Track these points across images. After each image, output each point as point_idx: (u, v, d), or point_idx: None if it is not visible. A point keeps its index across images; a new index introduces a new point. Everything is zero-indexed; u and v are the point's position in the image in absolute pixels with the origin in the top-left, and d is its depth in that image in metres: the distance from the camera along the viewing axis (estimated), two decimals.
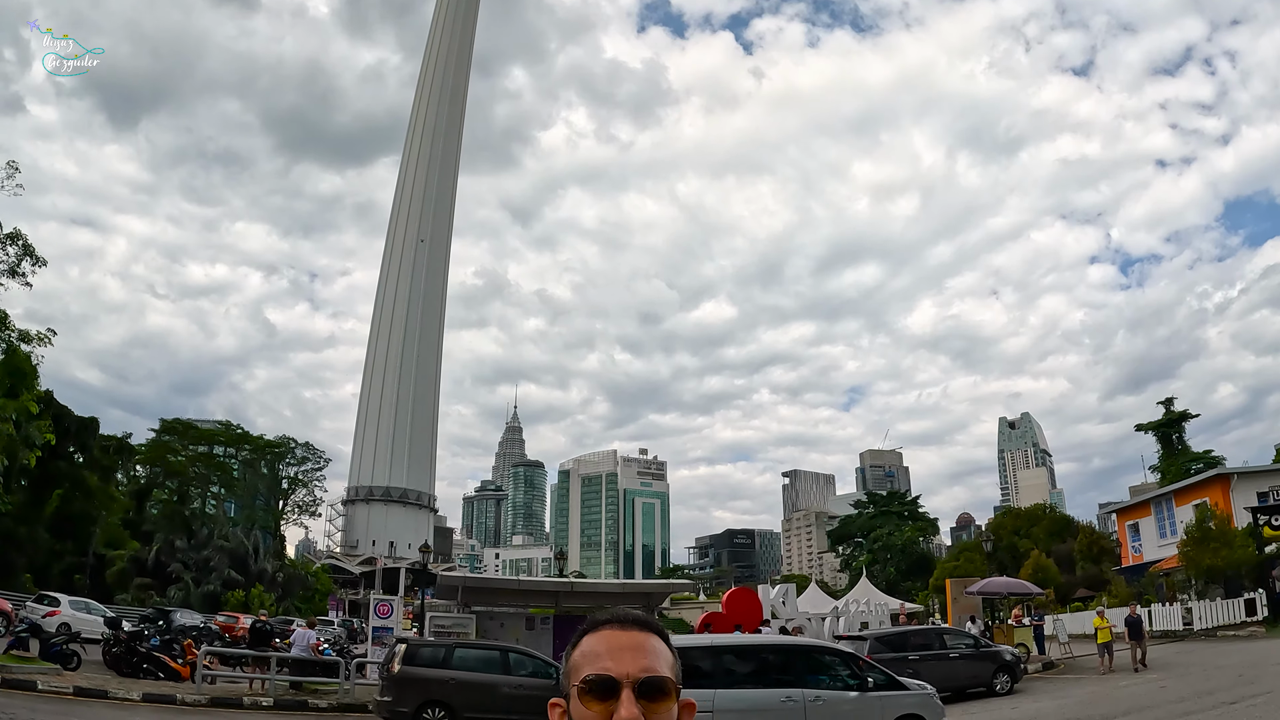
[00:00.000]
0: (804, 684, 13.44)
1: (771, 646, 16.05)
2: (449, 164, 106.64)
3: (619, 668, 1.54)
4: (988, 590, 37.51)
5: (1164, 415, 76.35)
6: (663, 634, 1.66)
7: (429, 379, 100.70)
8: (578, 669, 1.58)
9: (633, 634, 1.61)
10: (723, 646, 14.93)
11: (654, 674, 1.56)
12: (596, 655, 1.57)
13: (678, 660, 1.66)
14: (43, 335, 30.67)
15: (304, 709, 21.12)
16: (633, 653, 1.57)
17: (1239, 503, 41.45)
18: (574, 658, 1.62)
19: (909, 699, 14.10)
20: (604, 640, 1.60)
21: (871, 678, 14.11)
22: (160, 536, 58.22)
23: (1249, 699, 16.63)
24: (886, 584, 78.84)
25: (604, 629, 1.63)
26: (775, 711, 12.88)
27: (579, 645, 1.64)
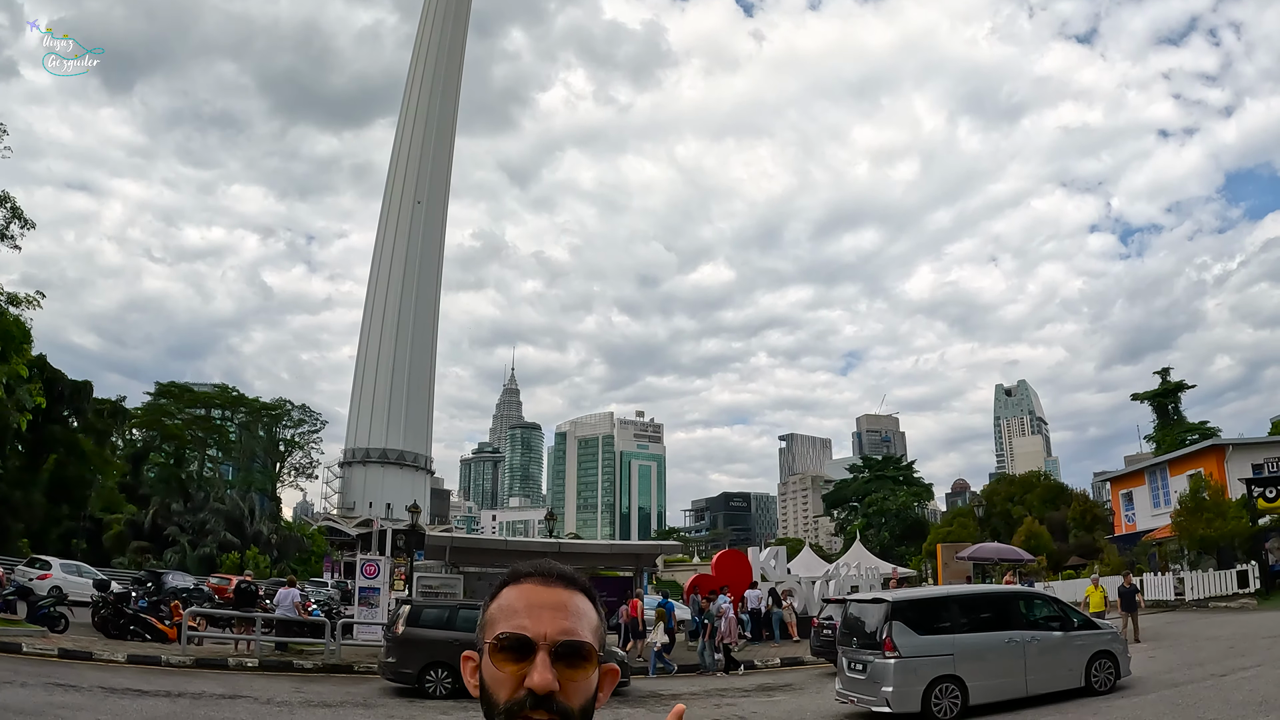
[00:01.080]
0: (1021, 626, 15.39)
1: (995, 595, 17.78)
2: (446, 125, 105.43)
3: (536, 627, 1.40)
4: (979, 556, 37.64)
5: (1160, 385, 76.39)
6: (589, 593, 1.50)
7: (426, 341, 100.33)
8: (493, 623, 1.44)
9: (556, 591, 1.46)
10: (957, 596, 16.83)
11: (573, 637, 1.41)
12: (514, 611, 1.43)
13: (603, 622, 1.51)
14: (32, 298, 30.33)
15: (289, 669, 21.19)
16: (553, 612, 1.42)
17: (1233, 474, 41.56)
18: (490, 610, 1.48)
19: (1103, 637, 16.06)
20: (524, 595, 1.45)
21: (1077, 619, 16.42)
22: (157, 500, 58.31)
23: (1239, 671, 16.70)
24: (881, 548, 79.26)
25: (525, 582, 1.48)
26: (1001, 650, 14.79)
27: (497, 597, 1.49)
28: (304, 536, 71.08)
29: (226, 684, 17.70)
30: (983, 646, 14.76)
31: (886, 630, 14.34)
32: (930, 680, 14.07)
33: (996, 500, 77.50)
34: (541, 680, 1.35)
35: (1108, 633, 16.41)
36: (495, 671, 1.40)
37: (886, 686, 14.04)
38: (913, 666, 14.12)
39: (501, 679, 1.39)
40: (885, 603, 15.09)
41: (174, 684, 16.91)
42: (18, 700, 13.45)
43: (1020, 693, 14.79)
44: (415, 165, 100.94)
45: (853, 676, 15.07)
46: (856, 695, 14.94)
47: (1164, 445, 67.55)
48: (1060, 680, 15.23)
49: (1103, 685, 15.36)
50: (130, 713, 13.32)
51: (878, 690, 14.21)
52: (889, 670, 14.09)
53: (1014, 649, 14.88)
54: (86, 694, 14.70)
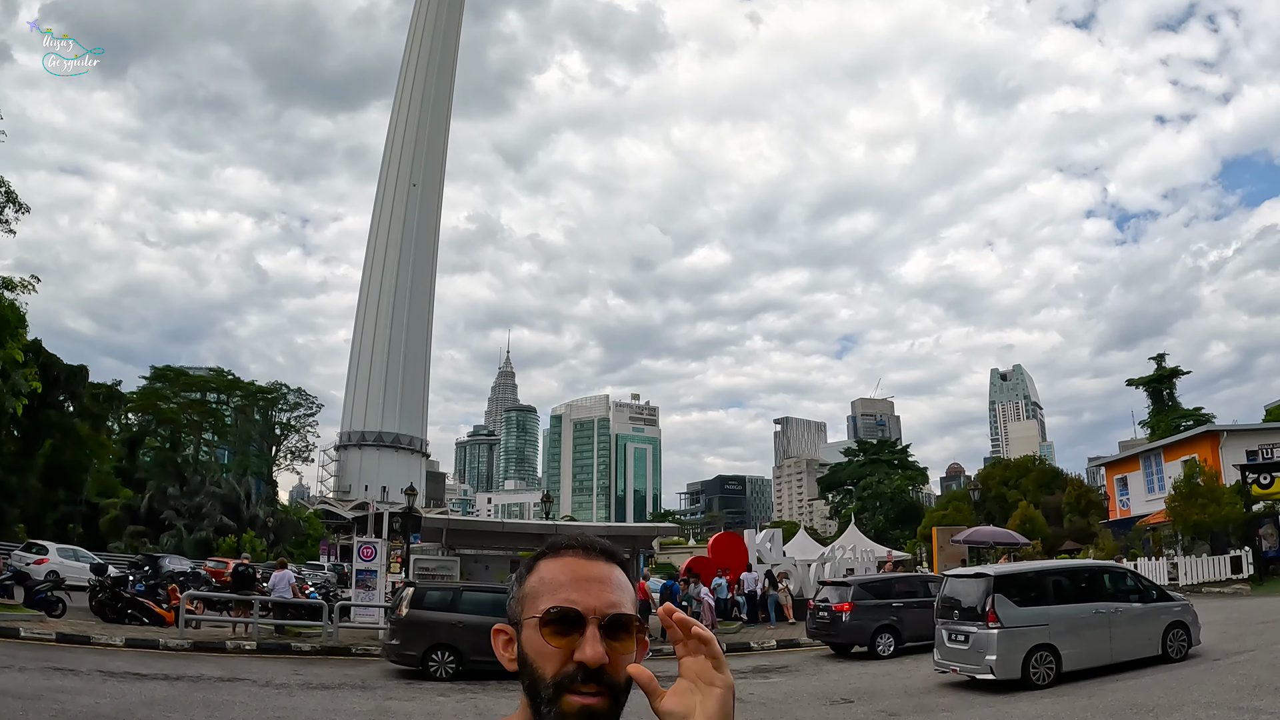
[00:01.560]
0: (1106, 599, 16.44)
1: (1083, 570, 18.66)
2: (441, 108, 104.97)
3: (585, 601, 1.39)
4: (974, 539, 37.68)
5: (1155, 371, 76.61)
6: (625, 565, 1.51)
7: (421, 324, 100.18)
8: (536, 597, 1.43)
9: (599, 564, 1.46)
10: (1050, 570, 17.74)
11: (620, 610, 1.41)
12: (559, 584, 1.42)
13: (636, 594, 1.50)
14: (26, 282, 30.10)
15: (287, 652, 21.20)
16: (600, 585, 1.42)
17: (1228, 460, 41.70)
18: (531, 583, 1.46)
19: (1176, 608, 17.00)
20: (568, 568, 1.44)
21: (1155, 591, 17.62)
22: (153, 484, 58.26)
23: (1233, 655, 16.78)
24: (875, 532, 79.54)
25: (567, 554, 1.47)
26: (1090, 621, 15.85)
27: (537, 569, 1.48)
28: (300, 520, 71.10)
29: (225, 667, 17.73)
30: (1073, 617, 15.75)
31: (990, 603, 15.34)
32: (1029, 649, 15.11)
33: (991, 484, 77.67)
34: (594, 654, 1.35)
35: (1181, 604, 17.32)
36: (543, 645, 1.38)
37: (990, 655, 15.04)
38: (1013, 636, 15.12)
39: (549, 653, 1.38)
40: (988, 577, 16.04)
41: (172, 667, 16.94)
42: (16, 685, 13.46)
43: (1106, 660, 15.84)
44: (410, 148, 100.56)
45: (954, 647, 15.98)
46: (959, 664, 15.84)
47: (1159, 431, 67.80)
48: (1140, 649, 16.24)
49: (1177, 653, 16.40)
50: (129, 696, 13.34)
51: (981, 659, 15.19)
52: (993, 640, 15.06)
53: (1101, 619, 15.96)
54: (85, 678, 14.72)
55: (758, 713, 13.66)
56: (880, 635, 21.60)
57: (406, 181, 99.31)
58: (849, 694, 15.52)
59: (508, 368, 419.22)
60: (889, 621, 21.87)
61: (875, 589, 23.09)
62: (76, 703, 12.33)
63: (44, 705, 11.86)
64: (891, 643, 21.60)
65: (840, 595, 22.54)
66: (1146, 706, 12.38)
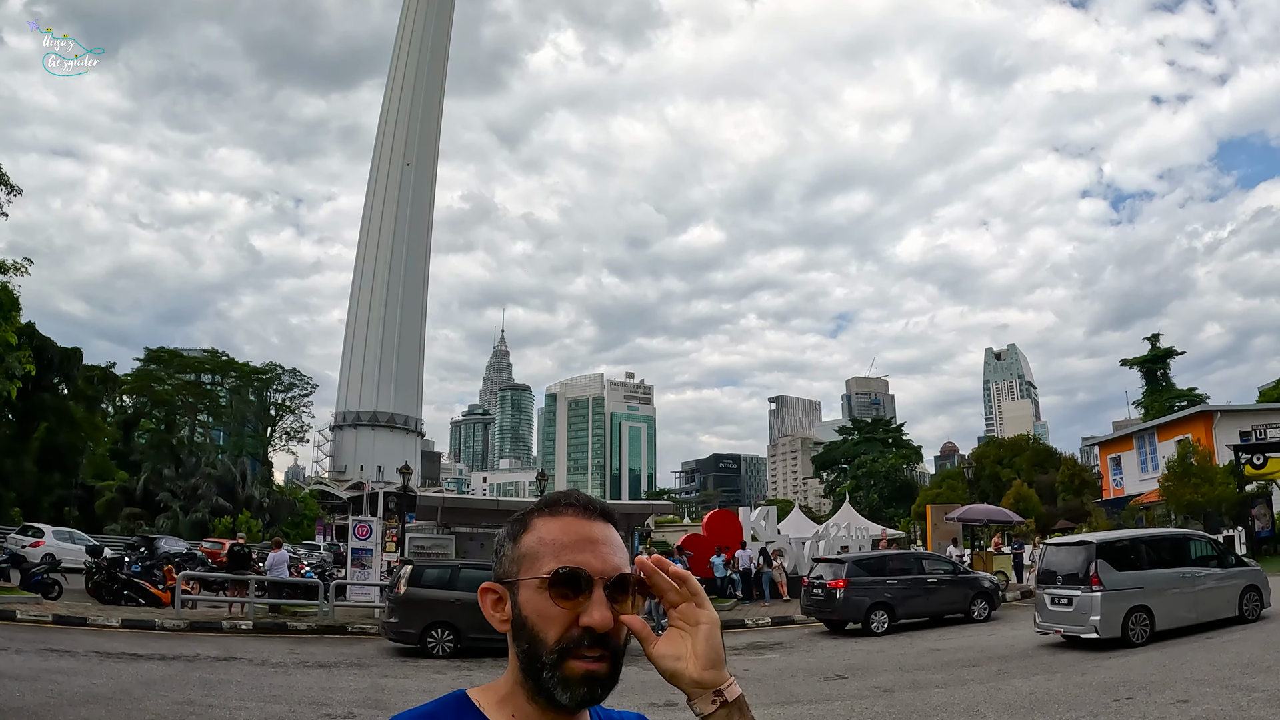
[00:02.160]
0: (1190, 564, 17.89)
1: (1170, 538, 19.91)
2: (435, 86, 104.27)
3: (592, 563, 1.34)
4: (968, 517, 37.81)
5: (1149, 351, 76.83)
6: (619, 524, 1.46)
7: (416, 303, 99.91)
8: (536, 557, 1.36)
9: (599, 525, 1.40)
10: (1144, 539, 19.03)
11: (624, 571, 1.36)
12: (562, 545, 1.35)
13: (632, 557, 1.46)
14: (18, 265, 29.92)
15: (283, 631, 21.25)
16: (604, 547, 1.37)
17: (1221, 440, 41.91)
18: (529, 542, 1.39)
19: (1249, 573, 18.52)
20: (568, 528, 1.38)
21: (1232, 557, 19.34)
22: (148, 466, 58.34)
23: (1226, 633, 16.93)
24: (870, 510, 79.74)
25: (565, 513, 1.40)
26: (1178, 584, 17.25)
27: (533, 528, 1.40)
28: (296, 500, 71.22)
29: (221, 646, 17.78)
30: (1164, 581, 17.16)
31: (1093, 568, 16.76)
32: (1127, 609, 16.48)
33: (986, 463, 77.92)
34: (603, 618, 1.30)
35: (1253, 569, 18.81)
36: (548, 608, 1.32)
37: (1094, 616, 16.36)
38: (1114, 598, 16.49)
39: (553, 615, 1.32)
40: (1090, 544, 17.54)
41: (168, 647, 16.98)
42: (12, 666, 13.49)
43: (1192, 620, 17.18)
44: (404, 127, 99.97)
45: (1057, 610, 17.34)
46: (1062, 626, 17.12)
47: (1153, 411, 68.07)
48: (1220, 610, 17.60)
49: (1251, 614, 17.82)
50: (125, 676, 13.37)
51: (1086, 619, 16.51)
52: (1096, 602, 16.44)
53: (1187, 582, 17.38)
54: (81, 659, 14.76)
55: (752, 689, 13.72)
56: (874, 612, 21.69)
57: (400, 161, 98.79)
58: (843, 670, 15.61)
59: (502, 347, 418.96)
60: (883, 598, 21.97)
61: (869, 566, 23.16)
62: (73, 683, 12.37)
63: (40, 686, 11.89)
64: (885, 619, 21.71)
65: (834, 572, 22.63)
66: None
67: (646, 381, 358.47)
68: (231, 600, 24.40)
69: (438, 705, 1.37)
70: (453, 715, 1.35)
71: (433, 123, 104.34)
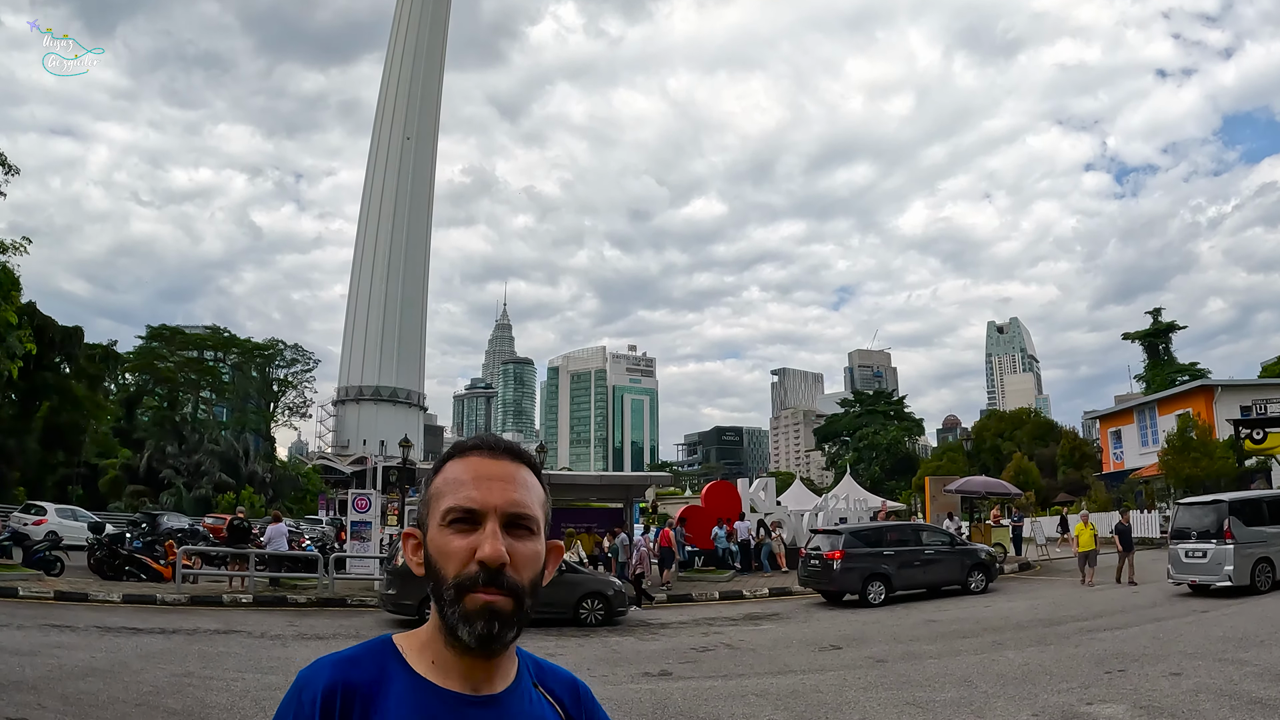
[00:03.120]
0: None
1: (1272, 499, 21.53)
2: (435, 59, 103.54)
3: (485, 498, 1.36)
4: (966, 489, 37.86)
5: (1151, 325, 76.63)
6: (535, 467, 1.48)
7: (417, 277, 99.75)
8: (439, 498, 1.40)
9: (503, 463, 1.42)
10: (1266, 499, 20.84)
11: (522, 509, 1.38)
12: (460, 483, 1.39)
13: (549, 497, 1.49)
14: (17, 244, 29.86)
15: (283, 604, 21.39)
16: (502, 483, 1.39)
17: (1221, 415, 41.82)
18: (435, 484, 1.42)
19: None
20: (470, 467, 1.41)
21: None
22: (151, 443, 58.46)
23: (1221, 607, 17.05)
24: (871, 482, 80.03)
25: (471, 455, 1.44)
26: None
27: (442, 471, 1.44)
28: (299, 475, 71.43)
29: (221, 620, 17.89)
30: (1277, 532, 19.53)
31: (1227, 524, 18.94)
32: (1254, 560, 18.88)
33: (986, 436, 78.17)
34: (493, 551, 1.32)
35: None
36: (443, 545, 1.35)
37: (1228, 566, 18.64)
38: (1245, 551, 18.83)
39: (450, 553, 1.34)
40: (1223, 503, 19.80)
41: (169, 621, 17.10)
42: (14, 642, 13.60)
43: None
44: (404, 101, 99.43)
45: (1191, 562, 19.62)
46: (1196, 577, 19.37)
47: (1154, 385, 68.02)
48: None
49: None
50: (125, 650, 13.48)
51: (1220, 569, 18.79)
52: (1230, 553, 18.75)
53: None
54: (82, 634, 14.88)
55: (747, 659, 13.84)
56: (871, 583, 21.78)
57: (400, 135, 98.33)
58: (838, 640, 15.71)
59: (504, 320, 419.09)
60: (880, 570, 22.04)
61: (867, 538, 23.20)
62: (73, 657, 12.48)
63: (40, 661, 12.00)
64: (882, 591, 21.82)
65: (832, 543, 22.67)
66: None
67: (649, 354, 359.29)
68: (232, 574, 24.54)
69: (363, 649, 1.40)
70: (376, 658, 1.38)
71: (433, 96, 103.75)
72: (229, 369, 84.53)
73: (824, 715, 9.66)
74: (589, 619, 18.68)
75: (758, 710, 10.01)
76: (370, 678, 1.33)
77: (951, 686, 10.98)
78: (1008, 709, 9.62)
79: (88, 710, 9.43)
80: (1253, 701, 9.28)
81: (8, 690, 10.10)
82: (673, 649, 15.19)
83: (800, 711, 9.92)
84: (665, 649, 15.19)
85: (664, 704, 10.36)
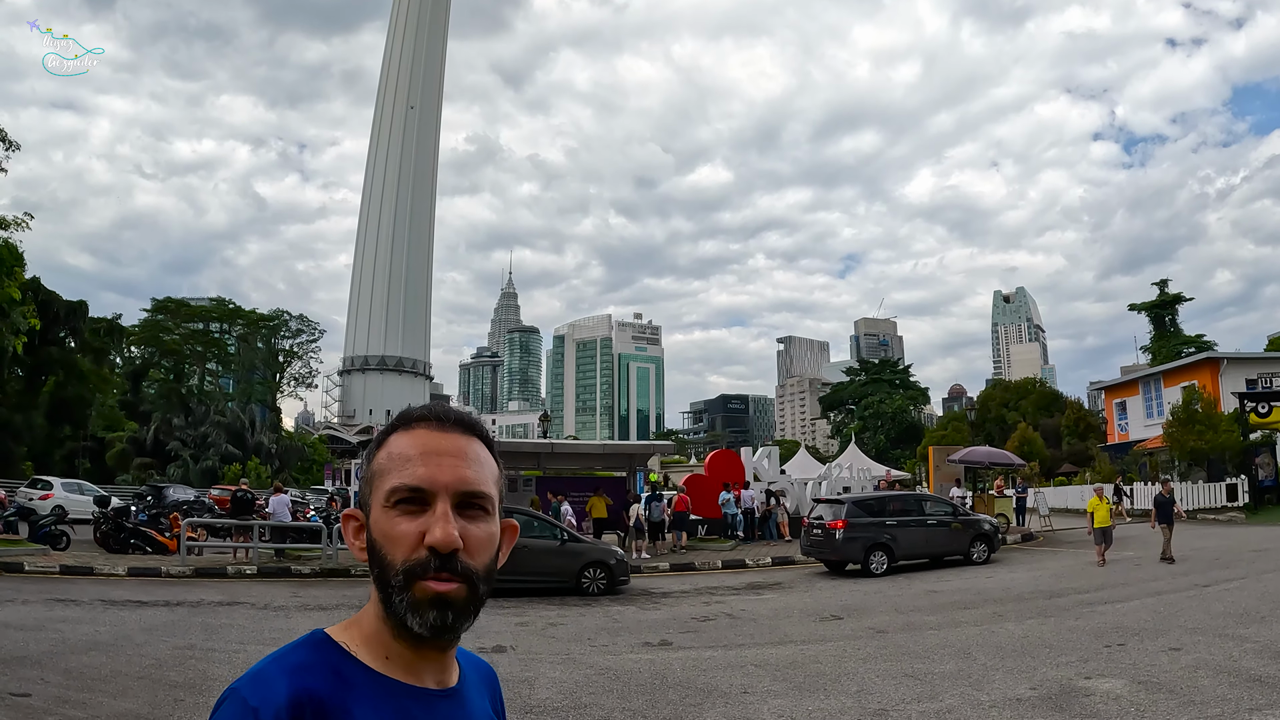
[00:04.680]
0: None
1: None
2: (438, 27, 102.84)
3: (435, 476, 1.23)
4: (970, 459, 37.80)
5: (1158, 296, 76.20)
6: (487, 439, 1.35)
7: (422, 246, 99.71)
8: (383, 474, 1.25)
9: (453, 437, 1.29)
10: None
11: (475, 487, 1.25)
12: (407, 459, 1.25)
13: (503, 473, 1.36)
14: (19, 220, 29.70)
15: (287, 575, 21.50)
16: (454, 460, 1.25)
17: (1227, 388, 41.63)
18: (379, 460, 1.28)
19: None
20: (418, 441, 1.27)
21: None
22: (157, 416, 58.70)
23: (1222, 582, 17.04)
24: (876, 451, 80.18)
25: (418, 427, 1.29)
26: None
27: (385, 444, 1.30)
28: (305, 446, 71.73)
29: (225, 591, 18.00)
30: None
31: None
32: None
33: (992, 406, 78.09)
34: (445, 536, 1.19)
35: None
36: (389, 529, 1.22)
37: None
38: None
39: (396, 537, 1.21)
40: None
41: (173, 594, 17.21)
42: (18, 617, 13.70)
43: None
44: (407, 69, 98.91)
45: None
46: None
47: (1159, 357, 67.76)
48: None
49: None
50: (129, 623, 13.56)
51: None
52: None
53: None
54: (86, 607, 14.98)
55: (747, 628, 13.89)
56: (873, 553, 21.78)
57: (404, 104, 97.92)
58: (839, 610, 15.75)
59: (510, 289, 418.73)
60: (882, 540, 22.04)
61: (869, 507, 23.15)
62: (77, 631, 12.56)
63: (44, 635, 12.08)
64: (885, 561, 21.83)
65: (834, 513, 22.64)
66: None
67: (654, 322, 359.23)
68: (236, 546, 24.67)
69: (303, 651, 1.23)
70: (324, 660, 1.21)
71: (436, 65, 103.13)
72: (234, 341, 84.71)
73: (822, 686, 9.69)
74: (591, 588, 18.76)
75: (756, 681, 10.04)
76: (330, 685, 1.17)
77: (950, 658, 11.01)
78: (1006, 681, 9.64)
79: (90, 684, 9.49)
80: (1252, 679, 9.27)
81: (11, 666, 10.17)
82: (674, 618, 15.25)
83: (799, 682, 9.96)
84: (666, 618, 15.26)
85: (663, 674, 10.41)
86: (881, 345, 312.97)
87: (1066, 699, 8.78)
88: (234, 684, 1.15)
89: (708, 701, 9.07)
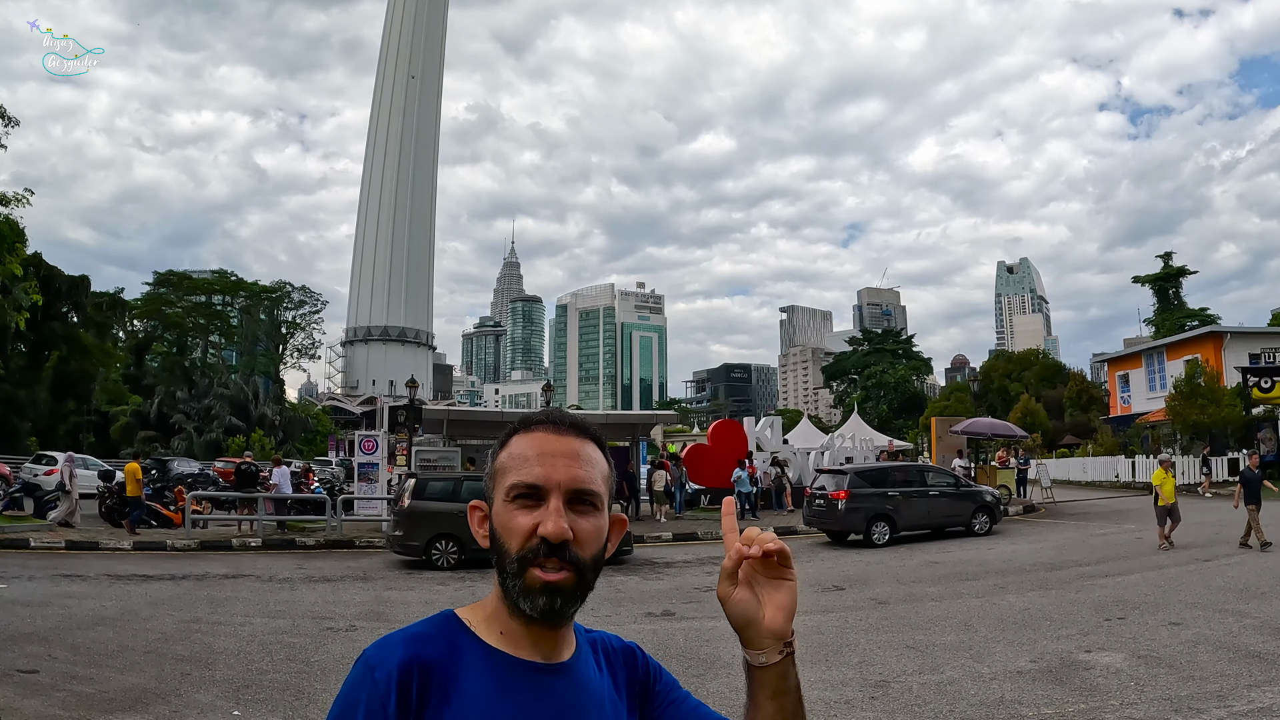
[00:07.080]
0: None
1: None
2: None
3: (549, 474, 1.37)
4: (972, 430, 37.80)
5: (1162, 269, 75.88)
6: (600, 441, 1.49)
7: (424, 216, 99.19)
8: (504, 473, 1.41)
9: (567, 439, 1.43)
10: None
11: (586, 485, 1.39)
12: (526, 459, 1.39)
13: (613, 471, 1.49)
14: (20, 196, 29.58)
15: (292, 547, 21.64)
16: (566, 459, 1.39)
17: (1230, 362, 41.46)
18: (501, 460, 1.44)
19: None
20: (536, 443, 1.42)
21: None
22: (161, 389, 58.87)
23: (1223, 557, 17.13)
24: (879, 421, 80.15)
25: (536, 430, 1.44)
26: None
27: (507, 446, 1.45)
28: (309, 417, 71.93)
29: (230, 564, 18.12)
30: None
31: None
32: None
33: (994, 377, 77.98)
34: (556, 528, 1.32)
35: None
36: (508, 521, 1.37)
37: None
38: None
39: (514, 528, 1.36)
40: None
41: (179, 567, 17.33)
42: (25, 593, 13.78)
43: None
44: (408, 38, 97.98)
45: None
46: None
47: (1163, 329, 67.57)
48: None
49: None
50: (134, 597, 13.66)
51: None
52: None
53: None
54: (92, 583, 15.07)
55: None
56: (876, 523, 21.86)
57: (405, 73, 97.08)
58: (841, 581, 15.83)
59: (512, 258, 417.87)
60: (885, 510, 22.09)
61: (872, 478, 23.17)
62: (83, 606, 12.65)
63: (51, 611, 12.16)
64: (887, 531, 21.89)
65: (837, 483, 22.66)
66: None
67: (657, 291, 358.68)
68: (241, 519, 24.79)
69: (429, 625, 1.39)
70: (444, 633, 1.38)
71: (437, 33, 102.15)
72: (237, 313, 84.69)
73: (824, 657, 9.74)
74: None
75: None
76: (443, 653, 1.33)
77: (952, 630, 11.07)
78: (1006, 654, 9.69)
79: (97, 659, 9.56)
80: (1251, 655, 9.31)
81: (18, 642, 10.25)
82: (676, 588, 15.34)
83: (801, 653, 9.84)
84: (669, 588, 15.34)
85: (666, 644, 10.47)
86: (885, 315, 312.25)
87: (1067, 672, 8.83)
88: (365, 650, 1.32)
89: (710, 672, 9.12)
